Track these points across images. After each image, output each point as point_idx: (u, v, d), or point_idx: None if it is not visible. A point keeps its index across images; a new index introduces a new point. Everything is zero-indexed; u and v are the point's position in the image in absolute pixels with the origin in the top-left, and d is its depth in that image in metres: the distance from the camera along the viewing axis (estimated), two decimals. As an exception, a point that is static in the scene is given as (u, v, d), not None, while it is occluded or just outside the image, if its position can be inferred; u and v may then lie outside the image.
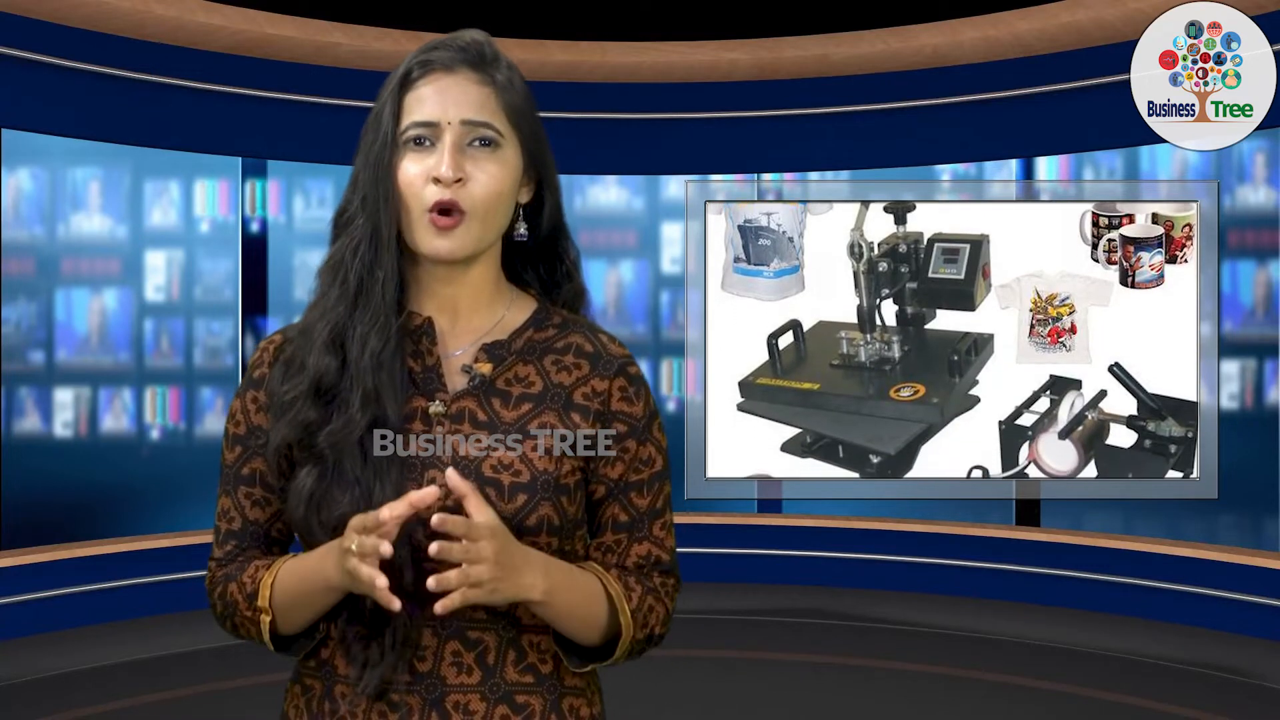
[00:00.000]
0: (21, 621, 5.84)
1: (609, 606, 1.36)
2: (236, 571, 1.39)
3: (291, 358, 1.38)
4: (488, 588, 1.24)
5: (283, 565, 1.36)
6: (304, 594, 1.33)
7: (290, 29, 6.45)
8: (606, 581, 1.37)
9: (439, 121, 1.33)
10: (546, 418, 1.37)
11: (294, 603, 1.34)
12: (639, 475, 1.41)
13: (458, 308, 1.40)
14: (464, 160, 1.33)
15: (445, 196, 1.32)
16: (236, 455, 1.41)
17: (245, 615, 1.37)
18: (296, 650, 1.39)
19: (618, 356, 1.42)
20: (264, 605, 1.35)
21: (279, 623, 1.36)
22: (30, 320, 6.26)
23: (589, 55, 6.94)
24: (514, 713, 1.35)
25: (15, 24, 5.90)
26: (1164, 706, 4.91)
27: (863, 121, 7.08)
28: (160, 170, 6.61)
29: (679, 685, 5.05)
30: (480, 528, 1.23)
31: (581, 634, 1.35)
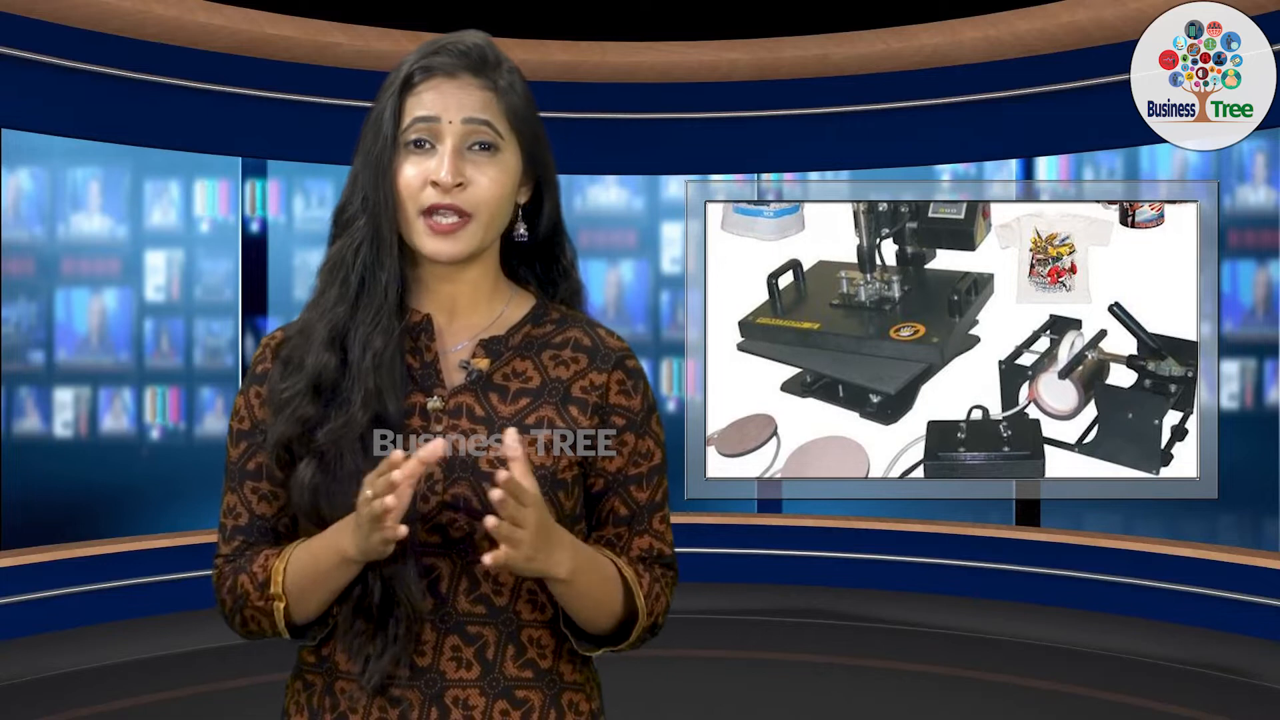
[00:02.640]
0: (21, 621, 5.84)
1: (623, 590, 1.37)
2: (246, 563, 1.39)
3: (290, 356, 1.38)
4: (524, 553, 1.24)
5: (293, 550, 1.36)
6: (318, 572, 1.32)
7: (290, 29, 6.46)
8: (620, 566, 1.38)
9: (439, 117, 1.34)
10: (544, 412, 1.38)
11: (308, 584, 1.34)
12: (638, 469, 1.42)
13: (456, 305, 1.41)
14: (464, 164, 1.34)
15: (443, 200, 1.33)
16: (241, 451, 1.42)
17: (257, 605, 1.37)
18: (311, 637, 1.38)
19: (616, 350, 1.43)
20: (277, 591, 1.35)
21: (292, 610, 1.35)
22: (30, 320, 6.26)
23: (589, 55, 6.94)
24: (513, 708, 1.36)
25: (15, 24, 5.90)
26: (1164, 706, 4.91)
27: (863, 121, 7.08)
28: (160, 170, 6.61)
29: (679, 685, 5.05)
30: (531, 494, 1.23)
31: (594, 616, 1.36)
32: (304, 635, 1.38)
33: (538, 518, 1.24)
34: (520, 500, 1.22)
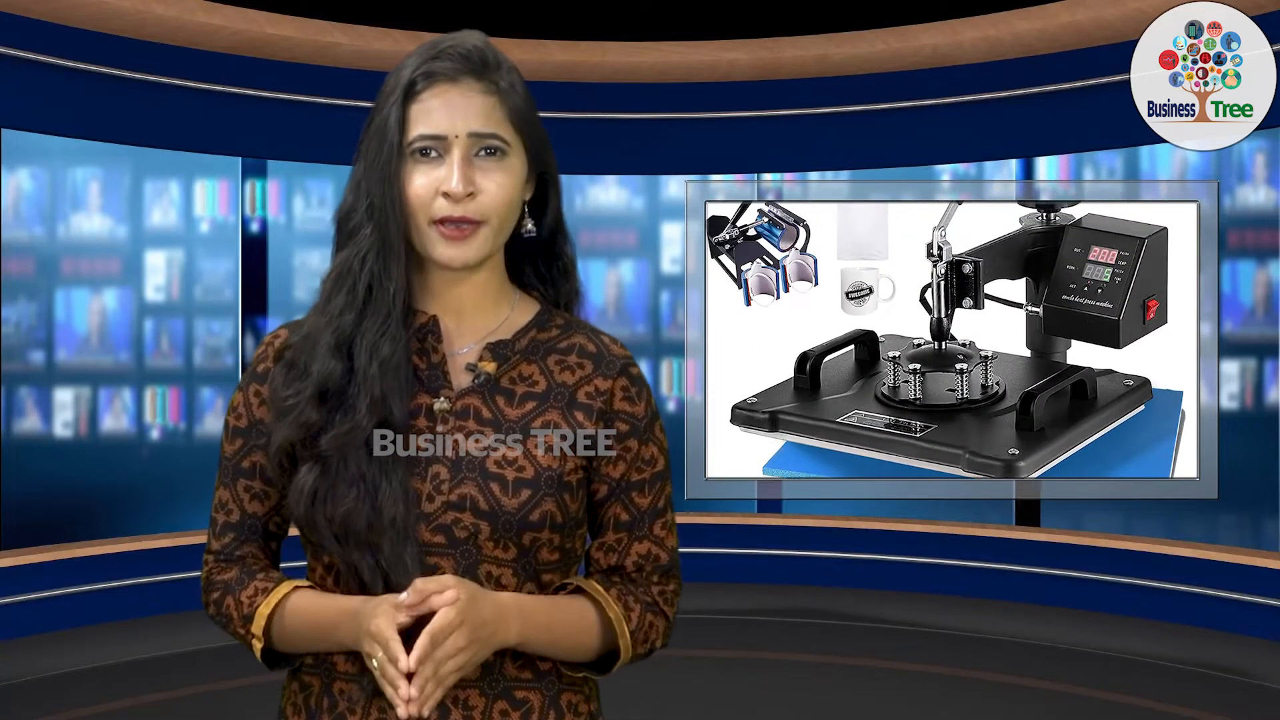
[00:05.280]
0: (21, 621, 5.84)
1: (601, 629, 1.38)
2: (235, 586, 1.41)
3: (293, 361, 1.38)
4: (465, 666, 1.29)
5: (286, 603, 1.38)
6: (310, 635, 1.36)
7: (290, 29, 6.46)
8: (606, 604, 1.39)
9: (446, 135, 1.34)
10: (550, 416, 1.39)
11: (295, 637, 1.38)
12: (640, 475, 1.42)
13: (463, 308, 1.42)
14: (473, 172, 1.34)
15: (455, 213, 1.34)
16: (237, 448, 1.42)
17: (238, 630, 1.41)
18: (284, 666, 1.42)
19: (620, 357, 1.43)
20: (257, 633, 1.38)
21: (275, 646, 1.39)
22: (30, 320, 6.26)
23: (589, 55, 6.94)
24: (513, 708, 1.36)
25: (15, 24, 5.90)
26: (1164, 706, 4.91)
27: (863, 121, 7.08)
28: (160, 170, 6.61)
29: (679, 685, 5.05)
30: (442, 631, 1.26)
31: (569, 657, 1.38)
32: (283, 663, 1.41)
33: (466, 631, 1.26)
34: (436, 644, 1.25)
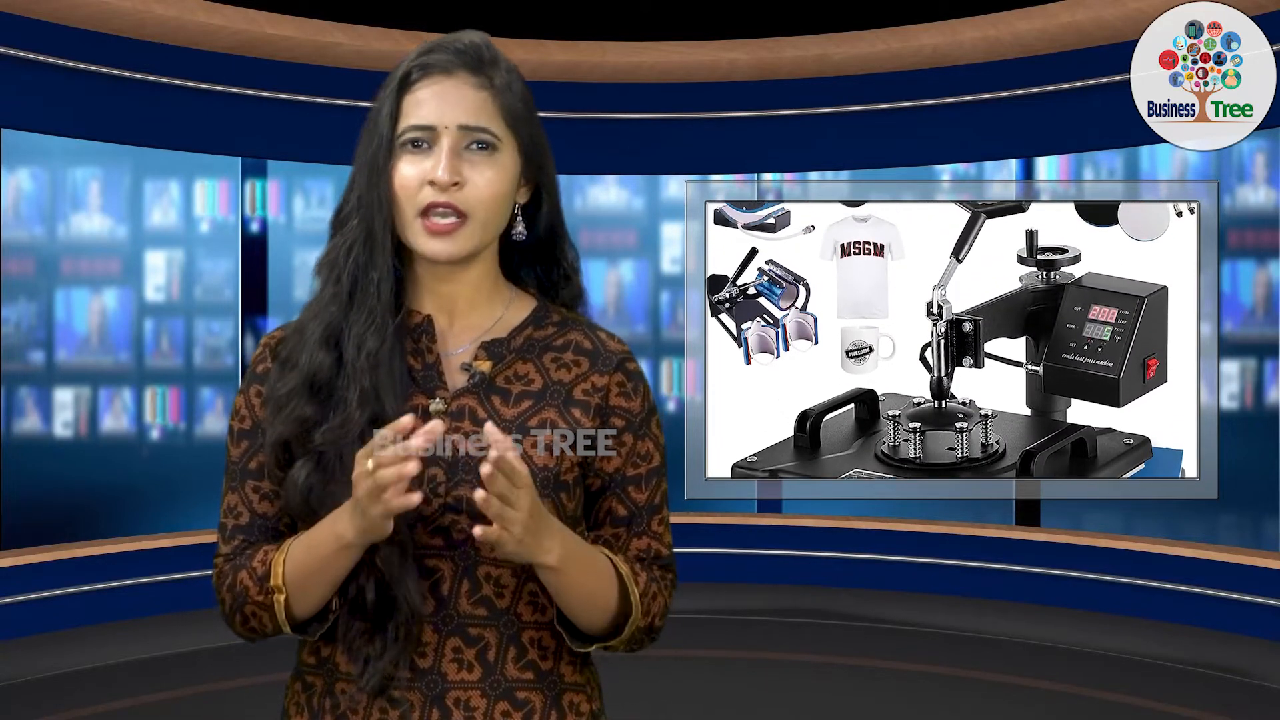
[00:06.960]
0: (21, 621, 5.84)
1: (618, 587, 1.37)
2: (246, 560, 1.38)
3: (287, 356, 1.38)
4: (515, 534, 1.24)
5: (292, 543, 1.35)
6: (317, 560, 1.32)
7: (290, 29, 6.45)
8: (616, 561, 1.38)
9: (436, 125, 1.34)
10: (547, 414, 1.38)
11: (307, 573, 1.33)
12: (636, 470, 1.42)
13: (456, 306, 1.41)
14: (461, 164, 1.34)
15: (440, 199, 1.33)
16: (242, 450, 1.41)
17: (257, 600, 1.35)
18: (311, 632, 1.38)
19: (616, 352, 1.43)
20: (277, 584, 1.34)
21: (293, 603, 1.34)
22: (30, 320, 6.26)
23: (589, 55, 6.94)
24: (514, 709, 1.36)
25: (15, 24, 5.90)
26: (1164, 706, 4.91)
27: (863, 121, 7.07)
28: (160, 170, 6.60)
29: (679, 685, 5.05)
30: (522, 476, 1.22)
31: (587, 610, 1.35)
32: (305, 630, 1.38)
33: (530, 500, 1.23)
34: (512, 480, 1.22)
